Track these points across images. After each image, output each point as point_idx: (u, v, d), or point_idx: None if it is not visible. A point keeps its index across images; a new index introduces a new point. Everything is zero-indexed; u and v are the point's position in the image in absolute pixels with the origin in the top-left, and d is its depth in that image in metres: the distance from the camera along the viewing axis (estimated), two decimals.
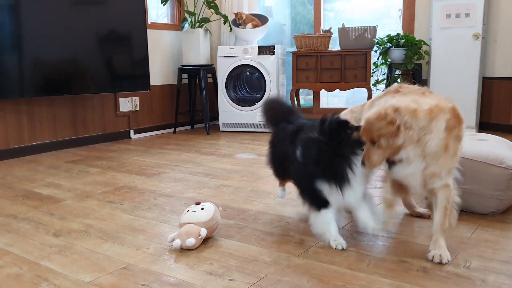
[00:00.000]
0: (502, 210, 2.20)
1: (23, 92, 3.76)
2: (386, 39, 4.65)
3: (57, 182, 3.00)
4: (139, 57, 4.51)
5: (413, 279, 1.58)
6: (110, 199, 2.60)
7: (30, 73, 3.77)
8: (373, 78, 4.86)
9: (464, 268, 1.65)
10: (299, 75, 4.94)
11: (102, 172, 3.28)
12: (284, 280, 1.59)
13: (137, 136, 4.87)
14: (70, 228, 2.15)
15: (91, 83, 4.18)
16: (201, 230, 1.86)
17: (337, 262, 1.73)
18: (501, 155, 2.18)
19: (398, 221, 2.13)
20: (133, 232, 2.08)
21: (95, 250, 1.89)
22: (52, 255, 1.84)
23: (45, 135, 4.10)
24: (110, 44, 4.28)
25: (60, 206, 2.49)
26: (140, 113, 4.93)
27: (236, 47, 4.92)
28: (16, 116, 3.88)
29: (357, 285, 1.55)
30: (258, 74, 4.92)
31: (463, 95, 4.36)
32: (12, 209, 2.45)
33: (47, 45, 3.83)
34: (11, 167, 3.50)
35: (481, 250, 1.80)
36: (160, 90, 5.13)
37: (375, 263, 1.71)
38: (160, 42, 5.09)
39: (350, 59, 4.73)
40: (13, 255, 1.85)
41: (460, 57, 4.33)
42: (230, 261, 1.75)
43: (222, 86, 5.01)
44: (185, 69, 5.03)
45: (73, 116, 4.32)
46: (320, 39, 4.81)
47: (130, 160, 3.67)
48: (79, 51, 4.05)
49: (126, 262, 1.76)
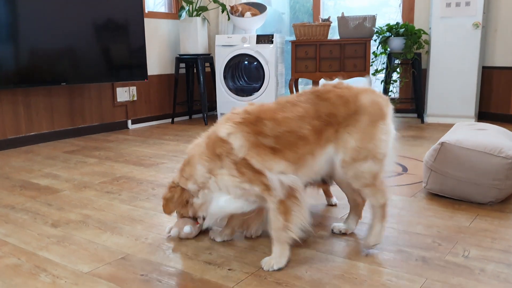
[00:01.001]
0: (501, 199, 2.19)
1: (20, 82, 3.73)
2: (385, 28, 4.62)
3: (54, 173, 2.99)
4: (136, 47, 4.47)
5: (412, 268, 1.58)
6: (108, 190, 2.59)
7: (27, 63, 3.74)
8: (373, 68, 4.84)
9: (463, 257, 1.65)
10: (298, 64, 4.91)
11: (100, 162, 3.27)
12: (282, 269, 1.59)
13: (134, 126, 4.85)
14: (68, 218, 2.15)
15: (88, 73, 4.15)
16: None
17: (336, 252, 1.73)
18: (500, 144, 2.18)
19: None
20: (132, 223, 2.08)
21: (94, 240, 1.88)
22: (50, 246, 1.84)
23: (42, 125, 4.08)
24: (107, 34, 4.24)
25: (58, 197, 2.48)
26: (137, 103, 4.91)
27: (234, 36, 4.88)
28: (13, 106, 3.86)
29: (355, 274, 1.55)
30: (257, 64, 4.88)
31: (463, 85, 4.34)
32: (10, 199, 2.44)
33: (44, 35, 3.79)
34: (8, 157, 3.49)
35: (479, 240, 1.80)
36: (157, 79, 5.10)
37: (374, 253, 1.71)
38: (158, 31, 5.05)
39: (350, 48, 4.70)
40: (11, 246, 1.84)
41: (460, 46, 4.30)
42: (229, 251, 1.74)
43: (220, 76, 4.98)
44: (183, 58, 4.99)
45: (70, 106, 4.30)
46: (319, 28, 4.77)
47: (128, 150, 3.66)
48: (76, 40, 4.01)
49: (125, 252, 1.76)
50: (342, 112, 1.64)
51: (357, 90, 1.70)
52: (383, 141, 1.66)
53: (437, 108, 4.52)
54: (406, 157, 3.15)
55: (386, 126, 1.68)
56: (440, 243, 1.77)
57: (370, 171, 1.65)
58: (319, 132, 1.62)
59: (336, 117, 1.64)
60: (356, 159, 1.63)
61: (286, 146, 1.58)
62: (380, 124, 1.66)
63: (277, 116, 1.61)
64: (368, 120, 1.65)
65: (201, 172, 1.65)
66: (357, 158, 1.63)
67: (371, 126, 1.65)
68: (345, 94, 1.67)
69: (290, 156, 1.58)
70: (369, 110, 1.65)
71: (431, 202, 2.26)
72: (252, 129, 1.58)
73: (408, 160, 3.09)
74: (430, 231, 1.90)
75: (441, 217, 2.05)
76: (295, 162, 1.59)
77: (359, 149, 1.63)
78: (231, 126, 1.60)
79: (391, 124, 1.71)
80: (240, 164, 1.57)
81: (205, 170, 1.64)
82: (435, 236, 1.84)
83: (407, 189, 2.49)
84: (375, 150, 1.65)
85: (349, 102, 1.65)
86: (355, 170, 1.65)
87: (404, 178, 2.71)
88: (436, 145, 2.30)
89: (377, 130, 1.65)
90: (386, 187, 1.71)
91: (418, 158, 3.09)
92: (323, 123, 1.63)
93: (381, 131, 1.66)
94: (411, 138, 3.83)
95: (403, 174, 2.79)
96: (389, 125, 1.71)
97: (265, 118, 1.60)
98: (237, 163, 1.57)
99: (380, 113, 1.67)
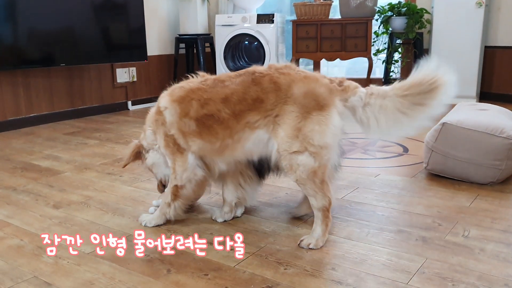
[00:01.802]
0: (502, 180, 2.20)
1: (19, 63, 3.71)
2: (387, 8, 4.56)
3: (55, 154, 2.99)
4: (135, 27, 4.43)
5: (412, 248, 1.59)
6: (109, 171, 2.59)
7: (25, 44, 3.71)
8: (374, 48, 4.79)
9: (463, 237, 1.66)
10: (299, 44, 4.87)
11: (101, 144, 3.27)
12: (283, 249, 1.60)
13: (135, 108, 4.84)
14: (69, 200, 2.16)
15: (87, 54, 4.12)
16: None
17: (336, 232, 1.74)
18: (501, 125, 2.17)
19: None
20: (133, 204, 2.08)
21: (96, 221, 1.90)
22: (52, 227, 1.85)
23: (42, 107, 4.07)
24: (106, 14, 4.19)
25: (59, 178, 2.48)
26: (137, 84, 4.88)
27: (235, 16, 4.83)
28: (12, 88, 3.84)
29: (356, 254, 1.56)
30: (257, 44, 4.84)
31: (465, 65, 4.30)
32: (11, 181, 2.45)
33: (43, 15, 3.75)
34: (9, 139, 3.49)
35: (479, 220, 1.81)
36: (157, 60, 5.06)
37: (374, 233, 1.72)
38: (157, 11, 4.99)
39: (351, 28, 4.65)
40: (13, 227, 1.85)
41: (463, 26, 4.25)
42: (230, 231, 1.76)
43: (220, 56, 4.94)
44: (183, 38, 4.95)
45: (70, 87, 4.28)
46: (321, 7, 4.72)
47: (128, 131, 3.65)
48: (74, 20, 3.97)
49: (127, 233, 1.77)
50: (271, 100, 1.58)
51: (294, 77, 1.59)
52: (316, 133, 1.55)
53: None
54: (407, 138, 3.15)
55: (323, 117, 1.55)
56: (440, 223, 1.78)
57: (305, 165, 1.56)
58: (239, 116, 1.61)
59: (263, 103, 1.59)
60: (289, 150, 1.57)
61: (206, 130, 1.66)
62: (315, 114, 1.55)
63: (203, 96, 1.67)
64: (299, 111, 1.56)
65: (148, 133, 1.86)
66: (289, 149, 1.57)
67: (302, 118, 1.55)
68: (279, 81, 1.59)
69: (209, 139, 1.67)
70: (300, 100, 1.56)
71: (432, 183, 2.26)
72: (181, 109, 1.69)
73: (408, 140, 3.09)
74: (430, 211, 1.91)
75: (441, 197, 2.06)
76: (215, 144, 1.67)
77: (290, 141, 1.56)
78: (168, 101, 1.73)
79: (333, 116, 1.56)
80: (168, 138, 1.74)
81: (151, 132, 1.84)
82: (435, 216, 1.85)
83: (408, 169, 2.49)
84: (307, 142, 1.55)
85: (280, 90, 1.58)
86: (290, 161, 1.58)
87: (405, 158, 2.71)
88: (437, 126, 2.29)
89: (309, 122, 1.55)
90: (329, 190, 1.62)
91: (418, 138, 3.09)
92: (246, 108, 1.60)
93: (315, 122, 1.55)
94: None
95: (404, 155, 2.79)
96: (329, 116, 1.56)
97: (193, 98, 1.68)
98: (167, 135, 1.74)
99: (314, 104, 1.55)
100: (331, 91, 1.59)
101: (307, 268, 1.48)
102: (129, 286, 1.40)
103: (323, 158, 1.57)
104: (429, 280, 1.38)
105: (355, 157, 2.76)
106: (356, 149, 2.94)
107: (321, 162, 1.58)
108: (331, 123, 1.56)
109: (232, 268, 1.49)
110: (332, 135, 1.57)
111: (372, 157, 2.77)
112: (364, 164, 2.63)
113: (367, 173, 2.44)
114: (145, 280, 1.43)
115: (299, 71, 1.64)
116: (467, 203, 1.99)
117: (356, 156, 2.79)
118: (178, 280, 1.42)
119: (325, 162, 1.59)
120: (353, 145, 3.03)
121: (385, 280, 1.39)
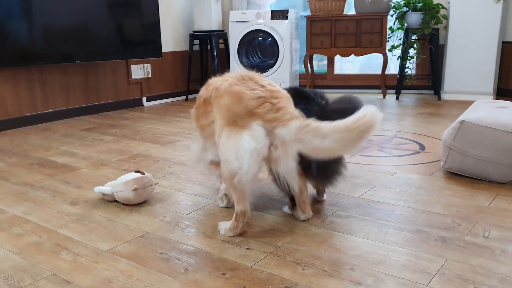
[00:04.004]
0: None
1: (35, 59, 3.74)
2: (402, 3, 4.51)
3: (72, 150, 3.01)
4: (150, 23, 4.43)
5: (431, 248, 1.57)
6: (126, 167, 2.60)
7: (41, 40, 3.74)
8: (389, 43, 4.75)
9: (483, 238, 1.64)
10: (313, 40, 4.84)
11: (117, 140, 3.28)
12: (301, 249, 1.59)
13: (149, 104, 4.85)
14: (86, 196, 2.17)
15: (102, 50, 4.14)
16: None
17: (354, 231, 1.72)
18: None
19: None
20: (150, 201, 2.09)
21: (113, 219, 1.90)
22: (70, 224, 1.86)
23: (57, 103, 4.10)
24: (121, 10, 4.21)
25: (76, 175, 2.50)
26: (152, 80, 4.90)
27: (249, 12, 4.81)
28: (28, 84, 3.87)
29: (375, 254, 1.54)
30: (271, 40, 4.82)
31: (481, 61, 4.24)
32: (28, 177, 2.47)
33: (58, 13, 3.78)
34: (26, 135, 3.52)
35: (500, 220, 1.78)
36: (171, 56, 5.07)
37: (393, 233, 1.70)
38: (171, 7, 4.99)
39: (366, 24, 4.61)
40: (32, 224, 1.87)
41: (479, 21, 4.19)
42: (247, 230, 1.75)
43: (234, 52, 4.93)
44: (197, 35, 4.95)
45: (85, 83, 4.30)
46: (335, 3, 4.68)
47: (144, 128, 3.67)
48: (90, 17, 3.99)
49: (144, 230, 1.78)
50: (202, 110, 1.79)
51: (224, 91, 1.63)
52: (222, 146, 1.61)
53: (454, 84, 4.43)
54: (424, 135, 3.11)
55: (233, 134, 1.58)
56: (460, 223, 1.76)
57: (221, 168, 1.65)
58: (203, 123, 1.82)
59: (211, 112, 1.75)
60: None
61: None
62: (226, 130, 1.60)
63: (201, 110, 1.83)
64: (221, 122, 1.63)
65: None
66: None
67: (221, 129, 1.63)
68: (215, 93, 1.69)
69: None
70: (221, 113, 1.64)
71: (450, 181, 2.24)
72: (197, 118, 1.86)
73: (425, 138, 3.05)
74: (449, 210, 1.88)
75: (460, 197, 2.03)
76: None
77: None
78: (194, 108, 1.88)
79: (243, 137, 1.55)
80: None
81: None
82: (454, 216, 1.83)
83: (425, 167, 2.46)
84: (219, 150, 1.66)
85: (209, 103, 1.74)
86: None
87: (422, 156, 2.68)
88: (455, 124, 2.26)
89: (223, 134, 1.61)
90: (242, 200, 1.64)
91: (435, 136, 3.05)
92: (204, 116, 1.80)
93: (225, 136, 1.60)
94: (428, 115, 3.77)
95: (420, 153, 2.76)
96: (239, 137, 1.56)
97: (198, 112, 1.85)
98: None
99: (230, 119, 1.59)
100: (250, 113, 1.57)
101: (325, 268, 1.47)
102: (146, 285, 1.40)
103: (229, 170, 1.61)
104: (450, 281, 1.37)
105: (371, 154, 2.74)
106: (372, 146, 2.91)
107: (228, 173, 1.62)
108: (239, 144, 1.56)
109: (249, 267, 1.49)
110: (236, 154, 1.57)
111: (389, 154, 2.75)
112: (381, 162, 2.61)
113: (384, 171, 2.41)
114: (163, 278, 1.44)
115: (235, 84, 1.64)
116: (486, 202, 1.96)
117: (372, 153, 2.76)
118: (196, 279, 1.42)
119: (232, 174, 1.60)
120: (369, 142, 3.00)
121: (405, 281, 1.38)
